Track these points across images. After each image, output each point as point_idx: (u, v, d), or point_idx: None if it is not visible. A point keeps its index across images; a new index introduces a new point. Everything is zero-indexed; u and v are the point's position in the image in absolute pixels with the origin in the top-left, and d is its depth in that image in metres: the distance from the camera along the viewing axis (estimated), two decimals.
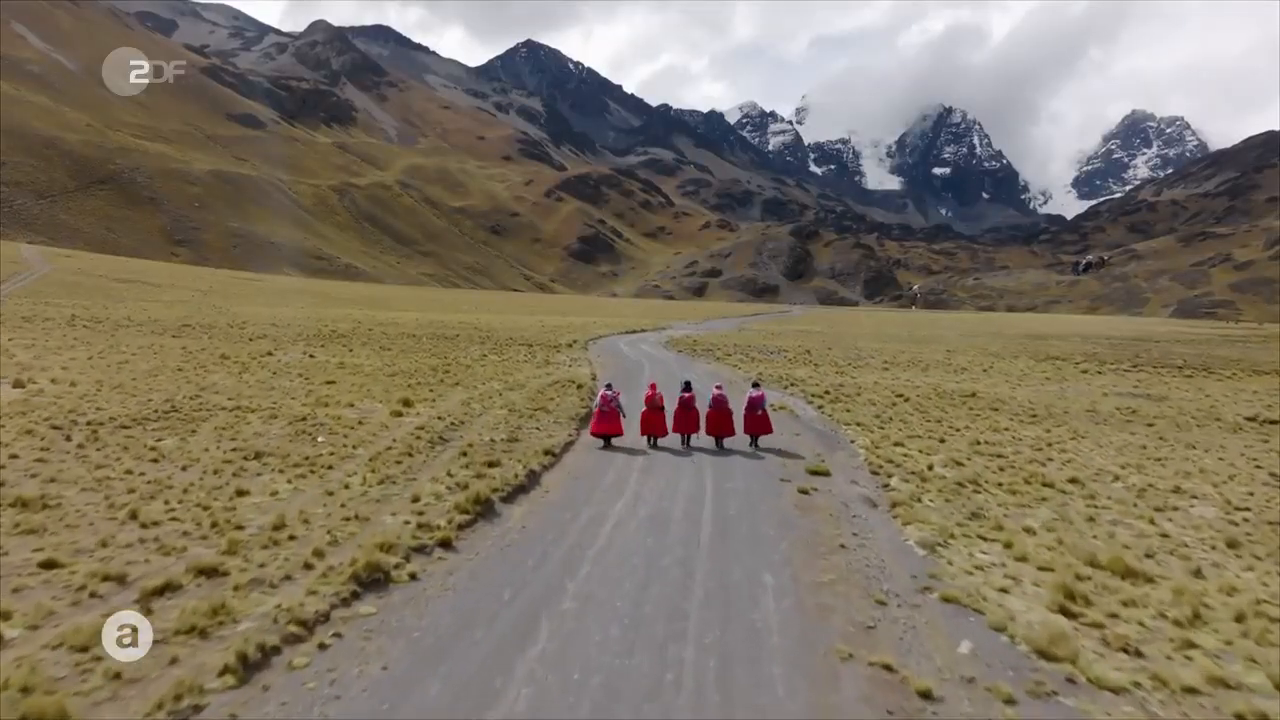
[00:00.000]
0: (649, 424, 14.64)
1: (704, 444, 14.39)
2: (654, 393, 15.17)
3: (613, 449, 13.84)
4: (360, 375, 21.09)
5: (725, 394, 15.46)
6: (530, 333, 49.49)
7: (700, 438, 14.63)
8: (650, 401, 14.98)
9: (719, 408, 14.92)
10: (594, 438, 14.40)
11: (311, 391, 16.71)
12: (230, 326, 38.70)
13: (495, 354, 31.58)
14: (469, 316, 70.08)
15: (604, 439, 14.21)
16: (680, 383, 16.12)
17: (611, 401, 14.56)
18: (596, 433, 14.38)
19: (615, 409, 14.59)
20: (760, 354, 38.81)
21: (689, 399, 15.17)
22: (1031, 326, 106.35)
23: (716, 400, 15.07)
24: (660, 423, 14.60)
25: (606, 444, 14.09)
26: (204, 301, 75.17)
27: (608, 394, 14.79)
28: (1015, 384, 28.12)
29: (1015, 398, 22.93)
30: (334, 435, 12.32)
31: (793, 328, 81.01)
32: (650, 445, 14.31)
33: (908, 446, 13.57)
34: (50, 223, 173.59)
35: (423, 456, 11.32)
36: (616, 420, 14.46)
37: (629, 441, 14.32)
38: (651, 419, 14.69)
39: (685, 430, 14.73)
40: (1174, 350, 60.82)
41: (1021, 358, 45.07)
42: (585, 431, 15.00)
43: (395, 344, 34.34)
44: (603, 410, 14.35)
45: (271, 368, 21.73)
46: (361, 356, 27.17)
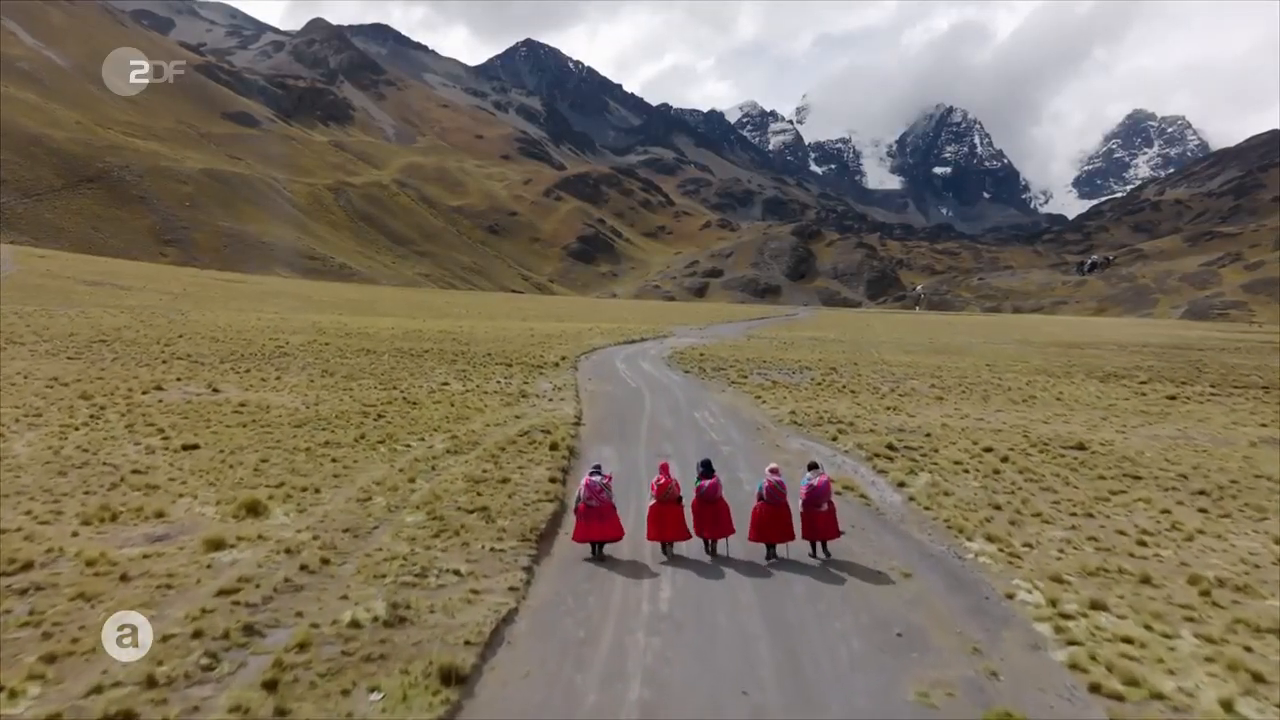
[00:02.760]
0: (660, 524, 9.76)
1: (732, 547, 9.88)
2: (667, 480, 9.84)
3: (606, 564, 9.22)
4: (251, 428, 15.27)
5: (784, 482, 9.98)
6: (515, 345, 43.69)
7: (733, 542, 9.91)
8: (662, 492, 9.69)
9: (775, 499, 9.73)
10: (579, 544, 9.58)
11: (125, 481, 10.75)
12: (157, 343, 32.89)
13: (462, 379, 25.74)
14: (453, 323, 64.22)
15: (593, 547, 9.63)
16: (697, 464, 10.55)
17: (602, 491, 9.62)
18: (583, 540, 9.60)
19: (607, 500, 9.67)
20: (781, 373, 32.98)
21: (713, 489, 9.85)
22: (1056, 332, 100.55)
23: (772, 491, 9.74)
24: (677, 522, 9.79)
25: (597, 554, 9.59)
26: (169, 306, 69.57)
27: (594, 480, 9.58)
28: (1113, 421, 22.30)
29: (1142, 453, 17.10)
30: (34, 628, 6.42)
31: (804, 334, 75.18)
32: (665, 553, 9.76)
33: (1108, 604, 7.66)
34: (35, 222, 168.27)
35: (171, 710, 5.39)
36: (610, 518, 9.67)
37: (630, 548, 9.75)
38: (664, 517, 9.76)
39: (713, 534, 9.91)
40: (1229, 361, 55.11)
41: (1076, 375, 39.24)
42: (557, 545, 9.36)
43: (345, 365, 28.53)
44: (589, 504, 9.59)
45: (134, 416, 15.92)
46: (286, 389, 21.36)
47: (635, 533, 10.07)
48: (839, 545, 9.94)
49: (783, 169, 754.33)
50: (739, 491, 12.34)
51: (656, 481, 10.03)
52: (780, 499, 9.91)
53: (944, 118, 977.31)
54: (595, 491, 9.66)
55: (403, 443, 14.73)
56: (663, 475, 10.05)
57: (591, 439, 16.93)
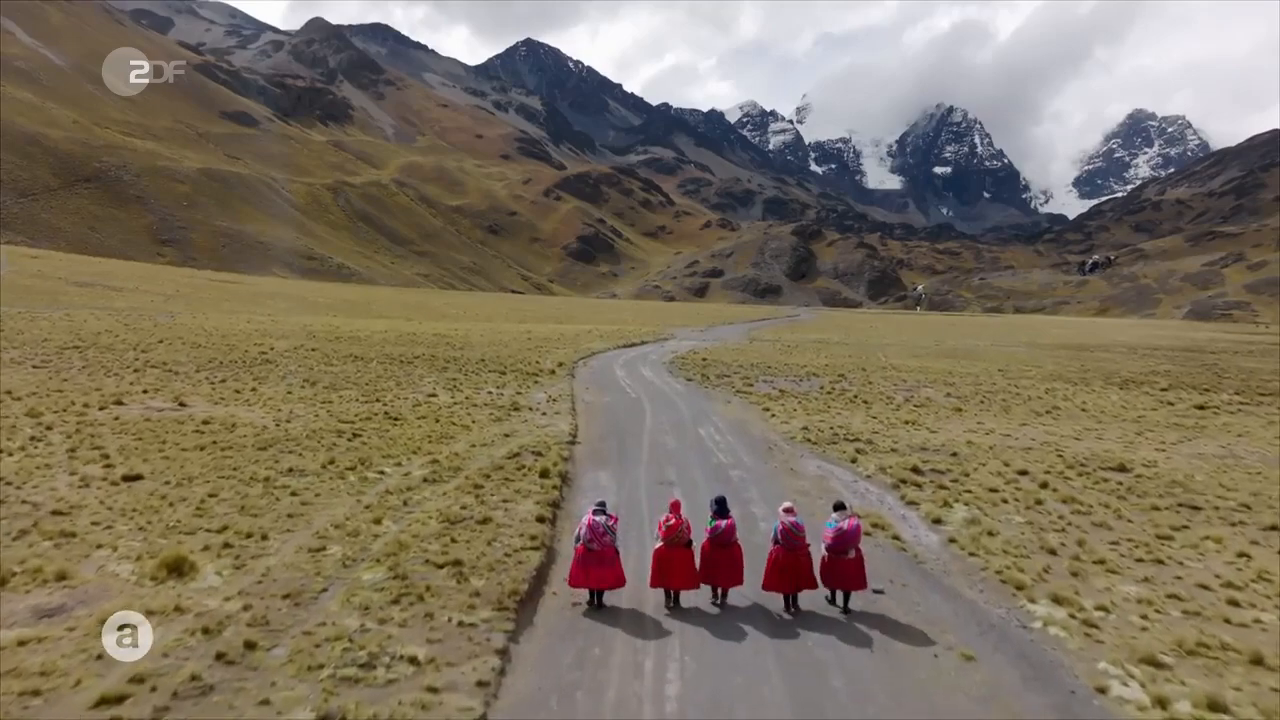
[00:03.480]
0: (666, 570, 8.51)
1: (744, 595, 8.73)
2: (678, 520, 8.54)
3: (600, 627, 7.84)
4: (210, 452, 13.73)
5: (800, 523, 8.69)
6: (511, 349, 42.15)
7: (745, 589, 8.71)
8: (671, 534, 8.54)
9: (792, 543, 8.47)
10: (576, 590, 8.57)
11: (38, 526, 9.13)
12: (134, 349, 31.35)
13: (451, 390, 24.20)
14: (448, 326, 62.68)
15: (592, 595, 8.46)
16: (711, 501, 9.16)
17: (605, 534, 8.41)
18: (580, 585, 8.43)
19: (610, 544, 8.46)
20: (788, 381, 31.43)
21: (728, 532, 8.51)
22: (1063, 334, 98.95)
23: (789, 534, 8.49)
24: (685, 568, 8.53)
25: (596, 603, 8.43)
26: (159, 308, 68.11)
27: (598, 521, 8.46)
28: (1148, 437, 20.76)
29: (1191, 476, 15.56)
30: None
31: (808, 336, 73.63)
32: (669, 605, 8.49)
33: (1228, 705, 6.12)
34: (30, 222, 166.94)
35: None
36: (612, 564, 8.45)
37: (630, 594, 8.57)
38: (671, 562, 8.51)
39: (725, 582, 8.65)
40: (1246, 366, 53.58)
41: (1094, 382, 37.72)
42: (542, 609, 7.86)
43: (329, 373, 26.99)
44: (589, 547, 8.38)
45: (81, 437, 14.38)
46: (260, 402, 19.82)
47: (636, 575, 8.71)
48: (877, 605, 8.43)
49: (783, 169, 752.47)
50: (754, 531, 10.84)
51: (665, 522, 8.66)
52: (799, 543, 8.50)
53: (944, 117, 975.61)
54: (598, 534, 8.36)
55: (376, 469, 13.20)
56: (673, 515, 8.68)
57: (587, 461, 15.42)
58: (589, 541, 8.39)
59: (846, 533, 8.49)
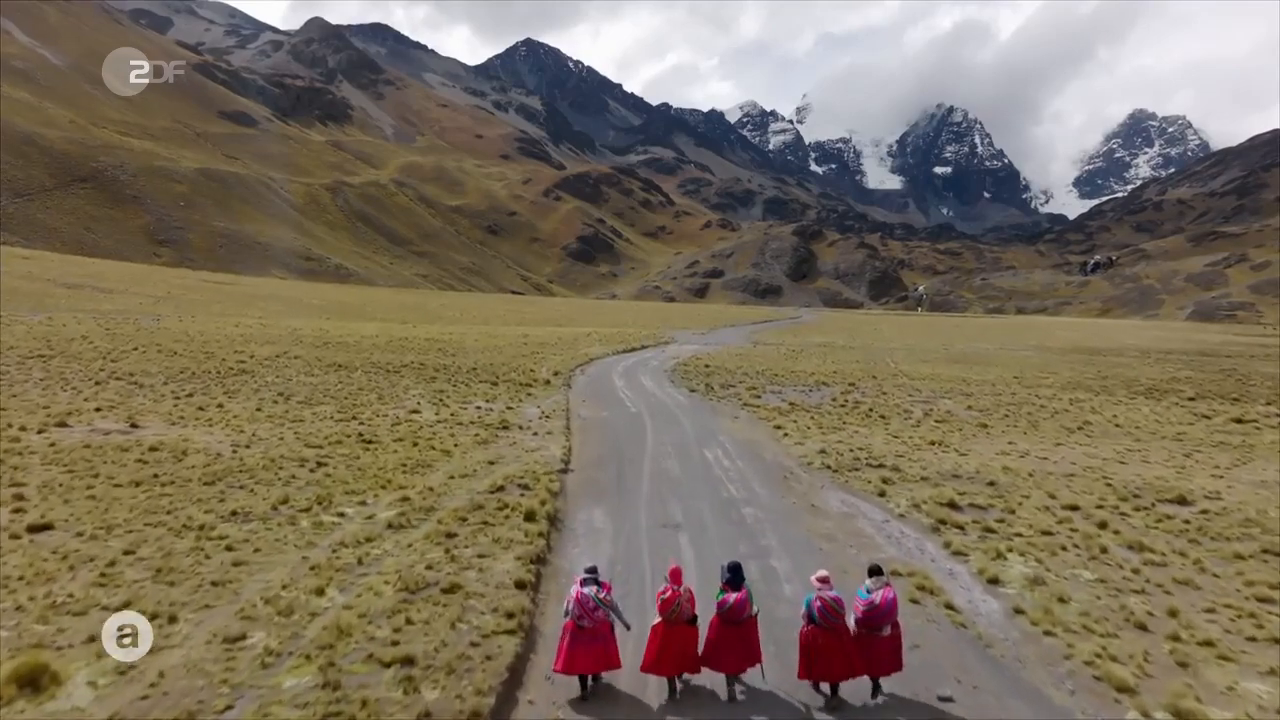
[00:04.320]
0: (662, 652, 6.90)
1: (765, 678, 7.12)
2: (674, 593, 6.93)
3: (599, 709, 6.64)
4: (146, 488, 11.93)
5: (839, 596, 7.03)
6: (506, 355, 40.37)
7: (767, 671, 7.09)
8: (668, 609, 6.92)
9: (830, 623, 6.84)
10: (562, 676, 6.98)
11: None
12: (104, 357, 29.54)
13: (437, 404, 22.40)
14: (443, 329, 60.85)
15: (583, 681, 6.94)
16: (723, 567, 7.41)
17: (597, 609, 6.87)
18: (568, 672, 6.84)
19: (604, 619, 6.91)
20: (797, 391, 29.60)
21: (739, 607, 6.99)
22: (1070, 336, 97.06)
23: (826, 612, 6.85)
24: (685, 649, 6.96)
25: (587, 691, 6.93)
26: (146, 311, 66.29)
27: (587, 594, 6.91)
28: (1197, 459, 18.96)
29: (1265, 511, 13.76)
30: None
31: (812, 339, 71.84)
32: (670, 697, 6.88)
33: None
34: (25, 222, 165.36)
35: None
36: (606, 642, 6.90)
37: (630, 678, 7.08)
38: (669, 642, 6.90)
39: (735, 667, 7.00)
40: (1267, 371, 51.73)
41: (1116, 391, 35.94)
42: None
43: (308, 384, 25.20)
44: (579, 623, 6.85)
45: (3, 469, 12.60)
46: (222, 421, 18.01)
47: (635, 652, 7.11)
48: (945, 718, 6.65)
49: (783, 169, 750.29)
50: (777, 589, 9.05)
51: (661, 594, 6.94)
52: (838, 621, 6.75)
53: (945, 117, 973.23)
54: (589, 609, 6.78)
55: (335, 509, 11.41)
56: (671, 585, 6.93)
57: (581, 495, 13.63)
58: (578, 618, 6.78)
59: (880, 608, 6.84)
